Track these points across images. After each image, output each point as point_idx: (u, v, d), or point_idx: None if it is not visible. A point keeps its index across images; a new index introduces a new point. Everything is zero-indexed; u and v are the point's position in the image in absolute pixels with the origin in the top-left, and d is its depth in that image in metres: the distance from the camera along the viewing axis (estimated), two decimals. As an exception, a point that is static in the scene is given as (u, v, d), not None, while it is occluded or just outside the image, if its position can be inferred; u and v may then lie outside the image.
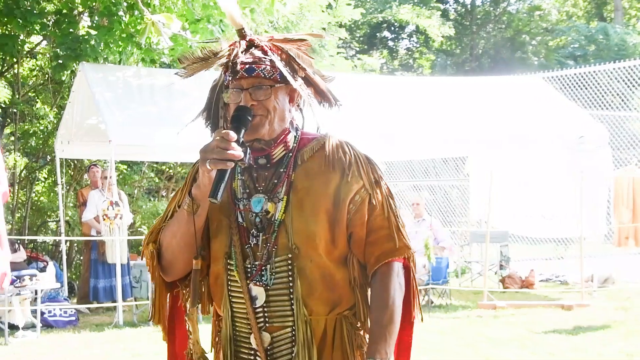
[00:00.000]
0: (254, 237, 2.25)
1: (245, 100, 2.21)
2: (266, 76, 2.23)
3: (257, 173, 2.30)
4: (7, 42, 11.46)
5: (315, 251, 2.22)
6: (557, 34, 29.98)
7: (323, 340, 2.25)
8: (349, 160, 2.29)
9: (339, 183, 2.26)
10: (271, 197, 2.26)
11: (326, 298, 2.24)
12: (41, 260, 11.79)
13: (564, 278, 13.24)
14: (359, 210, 2.26)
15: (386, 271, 2.26)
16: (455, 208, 16.39)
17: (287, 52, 2.29)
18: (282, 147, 2.29)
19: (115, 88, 10.25)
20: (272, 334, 2.24)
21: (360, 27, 29.44)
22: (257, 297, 2.23)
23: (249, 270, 2.24)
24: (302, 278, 2.21)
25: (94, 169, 11.07)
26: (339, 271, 2.27)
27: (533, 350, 7.66)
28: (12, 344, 8.47)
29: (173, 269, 2.31)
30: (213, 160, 2.08)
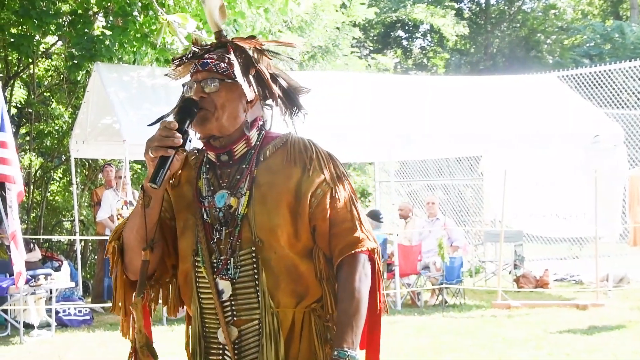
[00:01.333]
0: (217, 231, 2.29)
1: (195, 92, 2.28)
2: (218, 71, 2.29)
3: (220, 170, 2.35)
4: (23, 42, 11.51)
5: (279, 243, 2.26)
6: (572, 32, 29.83)
7: (291, 333, 2.28)
8: (310, 156, 2.33)
9: (300, 177, 2.30)
10: (234, 192, 2.30)
11: (292, 290, 2.27)
12: (56, 259, 11.85)
13: (579, 278, 13.18)
14: (320, 203, 2.30)
15: (351, 262, 2.29)
16: (469, 207, 16.35)
17: (246, 52, 2.35)
18: (243, 144, 2.34)
19: (130, 88, 10.28)
20: (240, 327, 2.28)
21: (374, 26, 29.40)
22: (223, 291, 2.27)
23: (215, 264, 2.28)
24: (267, 270, 2.25)
25: (108, 168, 11.11)
26: (304, 263, 2.30)
27: (548, 351, 7.62)
28: (27, 342, 8.51)
29: (133, 266, 2.34)
30: (154, 147, 2.17)
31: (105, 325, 9.51)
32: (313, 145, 2.37)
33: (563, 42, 30.26)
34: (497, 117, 11.31)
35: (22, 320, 8.75)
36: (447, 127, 11.09)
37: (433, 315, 9.95)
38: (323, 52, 18.81)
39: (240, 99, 2.32)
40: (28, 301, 8.92)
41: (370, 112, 10.95)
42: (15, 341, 8.58)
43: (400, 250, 10.87)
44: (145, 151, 2.20)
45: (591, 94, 14.29)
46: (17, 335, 8.69)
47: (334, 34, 19.20)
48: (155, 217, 2.30)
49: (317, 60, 18.54)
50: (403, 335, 8.51)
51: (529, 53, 30.29)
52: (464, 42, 31.05)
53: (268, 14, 11.51)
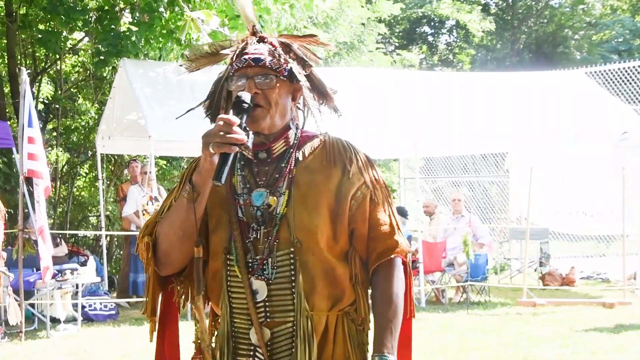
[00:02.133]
0: (254, 230, 2.25)
1: (249, 87, 2.22)
2: (272, 67, 2.25)
3: (257, 168, 2.30)
4: (51, 38, 11.61)
5: (317, 245, 2.22)
6: (600, 28, 29.52)
7: (324, 337, 2.25)
8: (350, 158, 2.30)
9: (340, 179, 2.27)
10: (272, 191, 2.26)
11: (328, 293, 2.24)
12: (82, 254, 11.93)
13: (606, 276, 13.06)
14: (360, 206, 2.27)
15: (389, 266, 2.28)
16: (495, 204, 16.25)
17: (295, 51, 2.31)
18: (282, 143, 2.30)
19: (156, 84, 10.33)
20: (272, 329, 2.24)
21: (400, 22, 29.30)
22: (258, 292, 2.23)
23: (251, 264, 2.24)
24: (304, 272, 2.21)
25: (134, 164, 11.17)
26: (340, 267, 2.27)
27: (574, 349, 7.56)
28: (54, 336, 8.59)
29: (169, 261, 2.28)
30: (216, 143, 2.08)
31: (130, 320, 9.57)
32: (351, 147, 2.34)
33: (591, 37, 29.96)
34: (524, 113, 11.23)
35: (48, 314, 8.82)
36: (472, 124, 11.03)
37: (458, 313, 9.91)
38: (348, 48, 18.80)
39: (288, 96, 2.30)
40: (55, 296, 9.00)
41: (395, 108, 10.92)
42: (42, 335, 8.66)
43: (425, 247, 10.83)
44: (204, 147, 2.11)
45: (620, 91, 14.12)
46: (44, 329, 8.76)
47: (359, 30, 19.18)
48: (201, 213, 2.24)
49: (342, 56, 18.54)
50: (428, 332, 8.48)
51: (556, 49, 30.03)
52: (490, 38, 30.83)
53: (293, 10, 11.51)
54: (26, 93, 8.29)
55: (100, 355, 7.70)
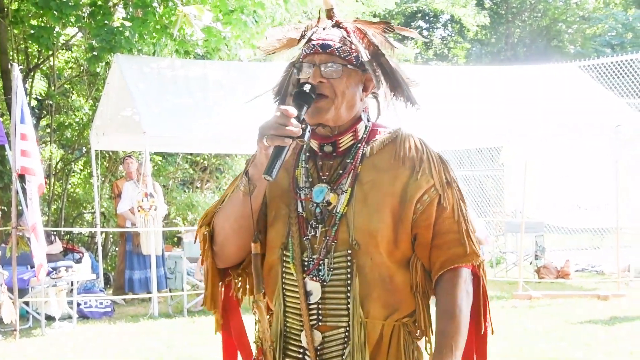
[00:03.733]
0: (312, 228, 2.13)
1: (314, 76, 2.09)
2: (341, 55, 2.11)
3: (322, 162, 2.18)
4: (43, 34, 11.55)
5: (376, 249, 2.09)
6: (594, 22, 29.57)
7: (378, 346, 2.12)
8: (421, 157, 2.17)
9: (407, 180, 2.12)
10: (334, 187, 2.14)
11: (384, 301, 2.11)
12: (77, 251, 11.92)
13: (600, 268, 13.10)
14: (426, 210, 2.12)
15: (453, 278, 2.11)
16: (490, 198, 16.26)
17: (370, 38, 2.18)
18: (350, 136, 2.17)
19: (150, 79, 10.30)
20: (324, 333, 2.13)
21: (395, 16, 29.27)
22: (312, 293, 2.12)
23: (306, 263, 2.13)
24: (361, 277, 2.09)
25: (129, 160, 11.14)
26: (400, 274, 2.13)
27: (569, 341, 7.58)
28: (49, 334, 8.57)
29: (225, 254, 2.20)
30: (270, 136, 1.97)
31: (126, 317, 9.55)
32: (424, 145, 2.21)
33: (585, 31, 30.00)
34: (518, 107, 11.24)
35: (43, 312, 8.80)
36: (467, 118, 11.03)
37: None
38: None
39: (358, 87, 2.16)
40: (49, 293, 8.97)
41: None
42: (37, 333, 8.64)
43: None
44: (259, 138, 2.00)
45: (613, 84, 14.14)
46: (38, 327, 8.74)
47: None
48: (258, 206, 2.13)
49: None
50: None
51: (550, 43, 30.05)
52: (484, 32, 30.84)
53: (288, 4, 11.48)
54: (18, 89, 8.25)
55: (96, 352, 7.69)
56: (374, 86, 2.20)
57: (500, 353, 7.17)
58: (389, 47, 2.21)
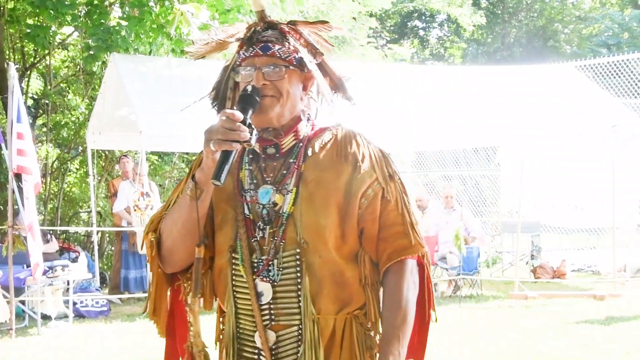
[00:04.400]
0: (260, 230, 2.14)
1: (257, 79, 2.11)
2: (282, 56, 2.14)
3: (265, 163, 2.19)
4: (39, 33, 11.54)
5: (325, 246, 2.11)
6: (590, 22, 29.59)
7: (331, 341, 2.15)
8: (362, 153, 2.19)
9: (350, 175, 2.15)
10: (279, 188, 2.15)
11: (335, 296, 2.13)
12: (73, 250, 11.90)
13: (596, 268, 13.11)
14: (371, 204, 2.15)
15: (399, 269, 2.15)
16: (486, 198, 16.28)
17: (306, 38, 2.21)
18: (292, 137, 2.19)
19: (146, 79, 10.29)
20: (278, 333, 2.15)
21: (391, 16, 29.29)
22: (263, 294, 2.13)
23: (256, 265, 2.14)
24: (310, 274, 2.11)
25: (125, 159, 11.13)
26: (349, 268, 2.16)
27: (566, 341, 7.59)
28: (45, 334, 8.55)
29: (173, 259, 2.20)
30: (217, 140, 1.97)
31: (122, 316, 9.54)
32: (365, 141, 2.22)
33: (581, 31, 30.01)
34: (514, 107, 11.25)
35: (39, 311, 8.79)
36: (464, 118, 11.04)
37: (450, 306, 9.92)
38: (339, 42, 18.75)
39: (298, 87, 2.18)
40: (45, 292, 8.96)
41: (386, 102, 10.91)
42: (33, 332, 8.62)
43: (417, 241, 10.81)
44: (206, 143, 2.00)
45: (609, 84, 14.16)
46: (34, 326, 8.73)
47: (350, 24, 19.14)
48: (205, 211, 2.12)
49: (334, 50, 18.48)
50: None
51: (547, 43, 30.07)
52: (481, 32, 30.86)
53: (284, 4, 11.48)
54: (15, 88, 8.25)
55: (92, 351, 7.68)
56: (312, 85, 2.23)
57: (497, 353, 7.19)
58: (325, 46, 2.24)
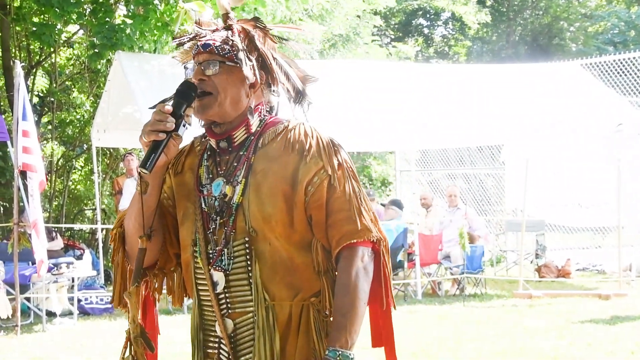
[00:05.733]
0: (213, 221, 2.23)
1: (196, 74, 2.22)
2: (219, 53, 2.21)
3: (219, 158, 2.28)
4: (45, 31, 11.57)
5: (273, 234, 2.18)
6: (596, 19, 29.51)
7: (287, 326, 2.20)
8: (310, 142, 2.23)
9: (297, 165, 2.21)
10: (230, 180, 2.23)
11: (288, 282, 2.19)
12: (78, 248, 11.92)
13: (602, 267, 13.08)
14: (317, 191, 2.20)
15: (349, 255, 2.18)
16: (491, 197, 16.25)
17: (251, 35, 2.27)
18: (243, 130, 2.26)
19: (151, 77, 10.30)
20: (235, 320, 2.22)
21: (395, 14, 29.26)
22: (218, 283, 2.21)
23: (211, 255, 2.22)
24: (261, 262, 2.18)
25: (129, 157, 11.15)
26: (300, 255, 2.21)
27: (570, 341, 7.57)
28: (50, 330, 8.58)
29: (134, 253, 2.28)
30: (147, 131, 2.11)
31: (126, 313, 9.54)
32: (314, 131, 2.27)
33: (587, 29, 29.94)
34: (519, 105, 11.23)
35: (44, 308, 8.81)
36: (468, 116, 11.02)
37: (454, 305, 9.91)
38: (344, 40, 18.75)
39: (243, 83, 2.23)
40: (50, 289, 8.98)
41: (391, 101, 10.90)
42: (38, 329, 8.65)
43: (421, 239, 10.83)
44: (140, 135, 2.14)
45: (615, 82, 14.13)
46: (39, 323, 8.75)
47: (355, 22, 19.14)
48: (154, 204, 2.24)
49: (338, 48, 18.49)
50: (424, 324, 8.49)
51: (552, 41, 30.02)
52: (486, 30, 30.81)
53: (289, 2, 11.48)
54: (20, 86, 8.26)
55: (97, 348, 7.69)
56: (264, 82, 2.28)
57: (501, 352, 7.18)
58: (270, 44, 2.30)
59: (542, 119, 11.05)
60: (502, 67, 14.20)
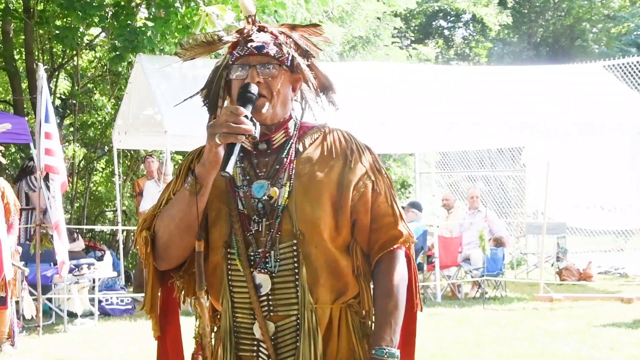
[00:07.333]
0: (255, 223, 2.21)
1: (252, 76, 2.19)
2: (275, 56, 2.21)
3: (257, 159, 2.27)
4: (67, 34, 11.66)
5: (320, 237, 2.19)
6: (619, 20, 29.28)
7: (328, 330, 2.22)
8: (351, 148, 2.28)
9: (342, 169, 2.24)
10: (273, 182, 2.22)
11: (331, 286, 2.21)
12: (99, 249, 11.99)
13: (624, 270, 12.97)
14: (362, 196, 2.24)
15: (390, 259, 2.25)
16: (511, 199, 16.17)
17: (296, 41, 2.29)
18: (282, 133, 2.27)
19: (172, 79, 10.34)
20: (276, 323, 2.21)
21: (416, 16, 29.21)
22: (261, 285, 2.19)
23: (252, 258, 2.20)
24: (307, 265, 2.18)
25: (150, 159, 11.21)
26: (343, 259, 2.24)
27: (592, 344, 7.51)
28: (71, 331, 8.64)
29: (168, 256, 2.25)
30: (223, 134, 2.04)
31: (146, 315, 9.57)
32: (352, 137, 2.31)
33: (610, 30, 29.72)
34: (541, 107, 11.16)
35: (66, 309, 8.87)
36: (488, 118, 10.98)
37: (474, 308, 9.87)
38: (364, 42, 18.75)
39: (289, 86, 2.27)
40: (72, 290, 9.05)
41: (411, 103, 10.88)
42: (60, 329, 8.71)
43: (441, 242, 10.80)
44: (209, 137, 2.07)
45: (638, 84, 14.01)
46: (61, 323, 8.82)
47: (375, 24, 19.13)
48: (203, 205, 2.19)
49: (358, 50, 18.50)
50: (443, 327, 8.46)
51: (574, 42, 29.83)
52: (507, 31, 30.67)
53: (309, 4, 11.50)
54: (43, 89, 8.32)
55: (117, 349, 7.74)
56: (300, 87, 2.32)
57: (521, 355, 7.15)
58: (314, 49, 2.33)
59: (563, 120, 10.97)
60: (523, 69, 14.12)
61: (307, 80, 2.28)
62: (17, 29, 13.87)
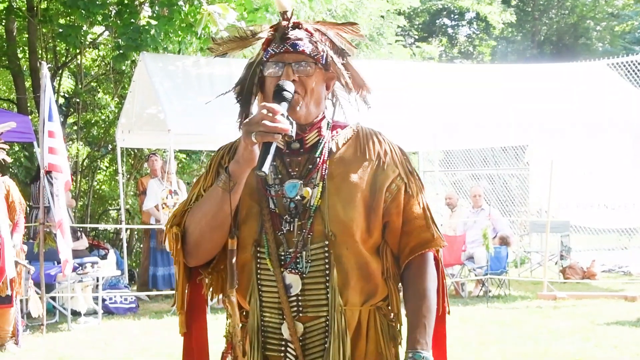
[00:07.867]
0: (287, 223, 2.18)
1: (287, 74, 2.16)
2: (311, 54, 2.19)
3: (289, 158, 2.24)
4: (71, 33, 11.66)
5: (352, 239, 2.17)
6: (623, 18, 29.24)
7: (357, 332, 2.21)
8: (385, 149, 2.27)
9: (375, 171, 2.22)
10: (306, 182, 2.19)
11: (361, 288, 2.19)
12: (102, 248, 12.00)
13: (627, 269, 12.95)
14: (395, 198, 2.23)
15: (421, 262, 2.24)
16: (515, 197, 16.15)
17: (331, 39, 2.27)
18: (315, 133, 2.24)
19: (175, 77, 10.35)
20: (305, 324, 2.19)
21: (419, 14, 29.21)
22: (291, 286, 2.17)
23: (283, 257, 2.18)
24: (338, 266, 2.16)
25: (153, 158, 11.21)
26: (374, 261, 2.22)
27: (596, 343, 7.50)
28: (75, 329, 8.65)
29: (198, 252, 2.22)
30: (260, 132, 2.00)
31: (150, 313, 9.61)
32: (385, 139, 2.30)
33: (613, 28, 29.68)
34: (544, 105, 11.15)
35: (69, 307, 8.89)
36: (492, 116, 10.97)
37: (477, 306, 9.87)
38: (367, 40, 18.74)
39: (324, 85, 2.25)
40: (75, 289, 9.06)
41: (414, 101, 10.87)
42: (63, 328, 8.72)
43: (445, 240, 10.77)
44: (245, 135, 2.03)
45: (641, 82, 13.99)
46: (65, 322, 8.83)
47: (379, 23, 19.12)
48: (236, 203, 2.15)
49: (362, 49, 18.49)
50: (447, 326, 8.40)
51: (578, 40, 29.79)
52: (510, 29, 30.64)
53: (312, 3, 11.47)
54: (47, 87, 8.33)
55: (121, 348, 7.74)
56: (333, 85, 2.30)
57: (525, 354, 7.14)
58: (349, 48, 2.31)
59: (567, 119, 10.96)
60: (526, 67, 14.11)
61: (342, 79, 2.26)
62: (20, 27, 13.88)
